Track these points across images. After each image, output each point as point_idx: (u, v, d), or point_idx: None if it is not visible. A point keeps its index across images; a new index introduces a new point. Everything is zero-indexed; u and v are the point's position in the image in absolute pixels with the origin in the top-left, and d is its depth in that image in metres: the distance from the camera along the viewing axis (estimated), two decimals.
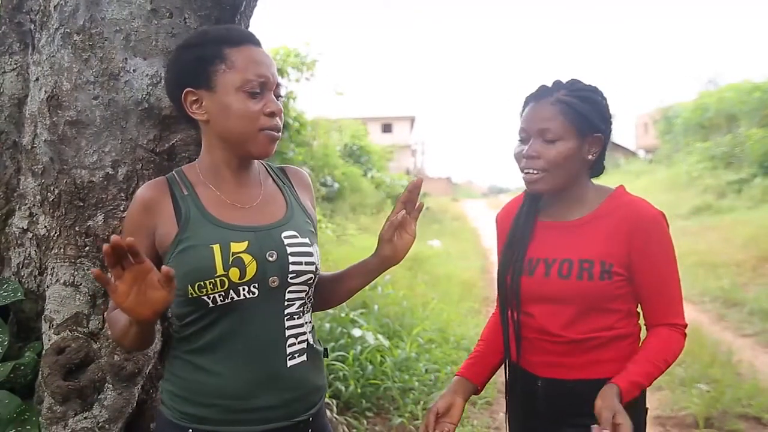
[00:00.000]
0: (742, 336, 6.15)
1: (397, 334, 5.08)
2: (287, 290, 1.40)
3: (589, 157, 1.65)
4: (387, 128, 41.09)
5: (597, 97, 1.66)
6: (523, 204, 1.81)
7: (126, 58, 1.64)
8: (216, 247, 1.32)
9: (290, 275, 1.38)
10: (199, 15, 1.68)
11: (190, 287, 1.32)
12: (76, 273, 1.69)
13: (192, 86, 1.36)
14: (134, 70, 1.64)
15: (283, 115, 1.42)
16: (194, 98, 1.37)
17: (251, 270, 1.34)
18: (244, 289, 1.34)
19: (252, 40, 1.40)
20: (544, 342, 1.68)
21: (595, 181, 1.75)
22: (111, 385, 1.58)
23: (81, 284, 1.68)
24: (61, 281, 1.67)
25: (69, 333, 1.61)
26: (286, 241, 1.39)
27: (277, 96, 1.40)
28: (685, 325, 1.65)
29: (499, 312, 1.82)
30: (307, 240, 1.43)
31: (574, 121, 1.61)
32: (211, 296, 1.33)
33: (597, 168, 1.72)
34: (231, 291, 1.33)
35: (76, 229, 1.70)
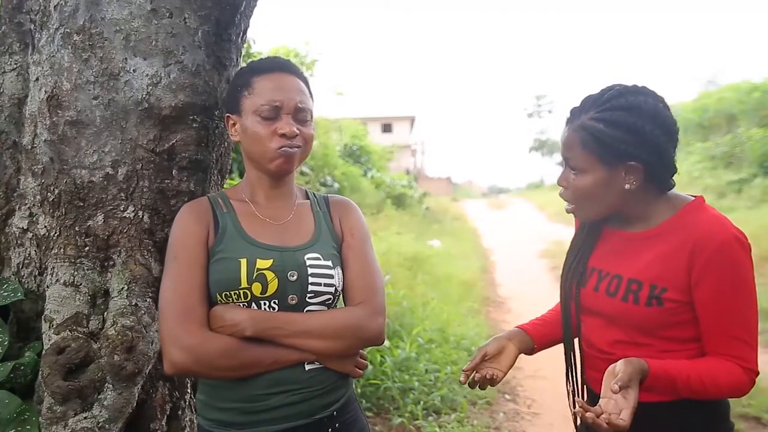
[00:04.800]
0: None
1: (397, 334, 5.09)
2: (305, 309, 1.48)
3: (627, 186, 1.45)
4: (387, 128, 41.12)
5: (634, 118, 1.40)
6: None
7: (126, 58, 1.64)
8: (243, 261, 1.44)
9: (308, 295, 1.48)
10: (199, 15, 1.68)
11: (218, 295, 1.44)
12: (76, 273, 1.68)
13: (230, 111, 1.57)
14: (134, 70, 1.64)
15: (307, 135, 1.53)
16: (232, 122, 1.56)
17: (272, 287, 1.44)
18: (264, 304, 1.45)
19: (282, 69, 1.54)
20: (597, 359, 1.58)
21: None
22: (111, 385, 1.58)
23: (81, 284, 1.68)
24: (61, 281, 1.67)
25: (69, 333, 1.60)
26: (308, 263, 1.49)
27: (301, 120, 1.51)
28: (753, 371, 1.40)
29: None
30: (329, 263, 1.52)
31: (596, 152, 1.43)
32: None
33: (664, 184, 1.50)
34: (253, 304, 1.44)
35: (76, 229, 1.70)
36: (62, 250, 1.70)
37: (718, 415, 1.51)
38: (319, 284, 1.48)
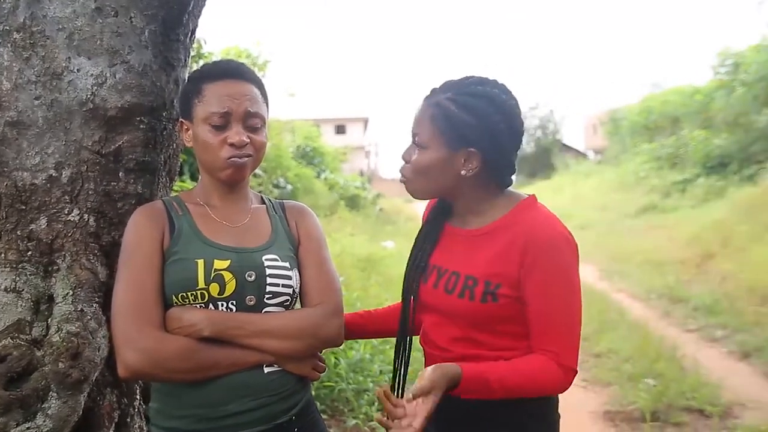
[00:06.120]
0: (686, 331, 6.37)
1: None
2: (263, 310, 1.47)
3: (463, 172, 1.48)
4: (340, 129, 41.08)
5: (485, 106, 1.44)
6: (435, 205, 1.69)
7: (69, 57, 1.59)
8: (200, 262, 1.43)
9: (267, 296, 1.47)
10: (145, 14, 1.65)
11: (174, 297, 1.42)
12: (18, 279, 1.63)
13: (183, 117, 1.57)
14: (78, 70, 1.60)
15: (258, 143, 1.52)
16: (185, 128, 1.56)
17: (230, 287, 1.43)
18: (222, 305, 1.44)
19: (232, 75, 1.51)
20: (437, 357, 1.58)
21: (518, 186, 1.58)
22: (56, 394, 1.53)
23: (23, 290, 1.62)
24: (2, 287, 1.62)
25: (11, 341, 1.55)
26: (266, 263, 1.48)
27: (252, 127, 1.49)
28: (570, 368, 1.44)
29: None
30: (287, 264, 1.52)
31: (443, 131, 1.46)
32: None
33: (501, 180, 1.55)
34: (210, 305, 1.43)
35: (18, 233, 1.65)
36: (3, 255, 1.65)
37: (541, 411, 1.56)
38: (277, 285, 1.48)
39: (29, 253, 1.65)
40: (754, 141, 15.16)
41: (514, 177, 1.57)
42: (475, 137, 1.45)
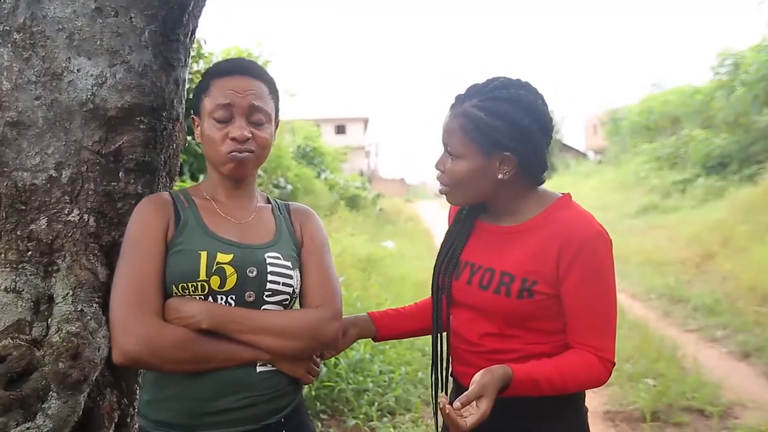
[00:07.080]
0: (686, 331, 6.37)
1: None
2: (262, 307, 1.47)
3: (500, 176, 1.50)
4: (340, 129, 41.08)
5: (512, 109, 1.45)
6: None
7: (69, 58, 1.59)
8: (203, 254, 1.43)
9: (266, 293, 1.47)
10: (145, 14, 1.65)
11: (174, 287, 1.43)
12: (18, 279, 1.63)
13: (194, 113, 1.59)
14: (78, 70, 1.60)
15: (261, 139, 1.52)
16: (196, 124, 1.58)
17: (231, 281, 1.44)
18: (221, 299, 1.44)
19: (240, 71, 1.52)
20: (465, 352, 1.61)
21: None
22: (55, 394, 1.53)
23: (23, 290, 1.62)
24: (2, 287, 1.62)
25: (10, 341, 1.55)
26: (268, 261, 1.49)
27: (256, 122, 1.50)
28: (610, 361, 1.49)
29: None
30: (289, 263, 1.52)
31: (475, 139, 1.47)
32: None
33: (536, 178, 1.56)
34: (210, 297, 1.43)
35: (18, 233, 1.65)
36: (3, 255, 1.65)
37: (573, 400, 1.58)
38: (277, 283, 1.48)
39: (29, 253, 1.65)
40: (754, 141, 15.17)
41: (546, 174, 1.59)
42: (508, 141, 1.46)
